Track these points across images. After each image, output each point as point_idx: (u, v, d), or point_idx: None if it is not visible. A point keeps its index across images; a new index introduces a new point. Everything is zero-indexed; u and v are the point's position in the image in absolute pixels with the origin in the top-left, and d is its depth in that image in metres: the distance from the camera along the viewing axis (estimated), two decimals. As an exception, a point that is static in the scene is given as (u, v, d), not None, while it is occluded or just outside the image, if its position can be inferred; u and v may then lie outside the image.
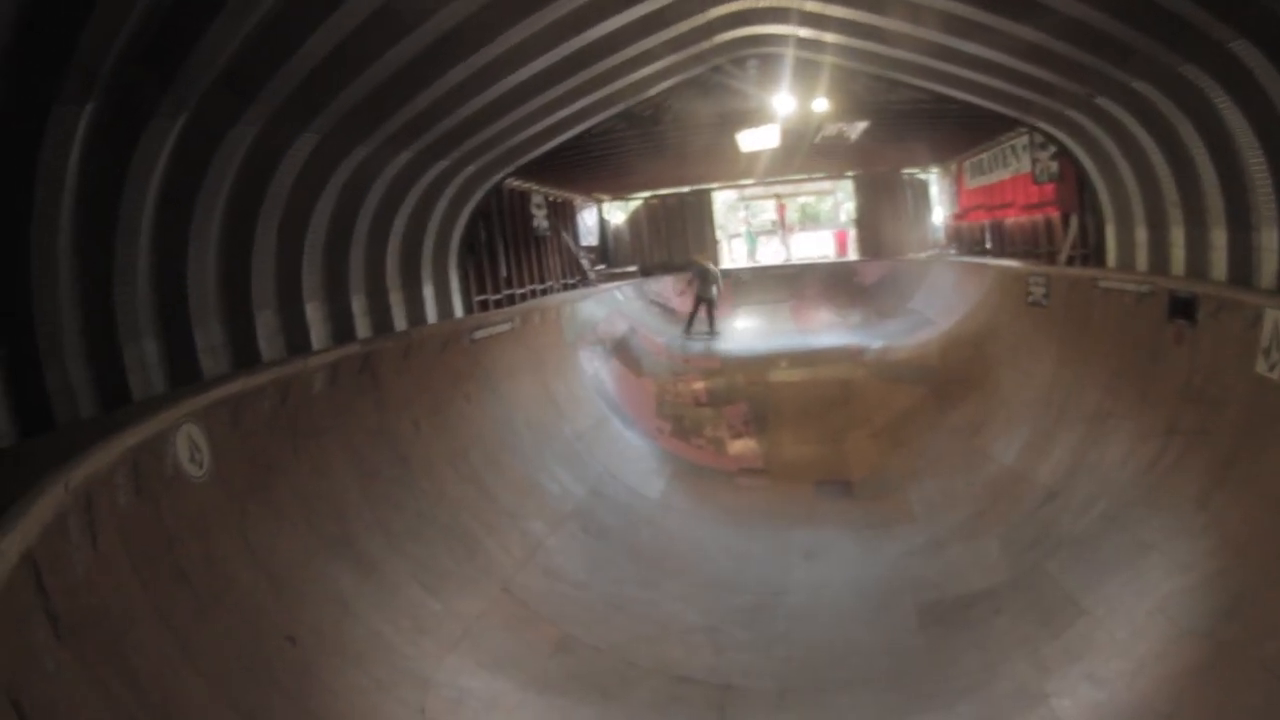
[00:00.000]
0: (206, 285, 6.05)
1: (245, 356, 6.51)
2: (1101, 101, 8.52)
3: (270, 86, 5.68)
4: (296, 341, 7.24)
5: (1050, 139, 11.11)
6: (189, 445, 4.62)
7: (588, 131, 11.70)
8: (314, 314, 7.55)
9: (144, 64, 4.58)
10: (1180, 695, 4.57)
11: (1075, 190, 11.23)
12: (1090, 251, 11.00)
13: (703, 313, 16.17)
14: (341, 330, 8.06)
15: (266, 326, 6.81)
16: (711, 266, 16.68)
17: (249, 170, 6.12)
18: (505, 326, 10.59)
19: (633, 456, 11.17)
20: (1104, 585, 6.03)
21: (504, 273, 12.95)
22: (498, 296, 12.58)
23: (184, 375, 5.75)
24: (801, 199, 31.67)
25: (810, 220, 34.01)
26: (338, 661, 4.71)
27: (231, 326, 6.41)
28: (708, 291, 16.12)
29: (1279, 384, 5.69)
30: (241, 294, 6.49)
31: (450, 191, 10.26)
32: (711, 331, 16.04)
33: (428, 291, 10.08)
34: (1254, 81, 6.00)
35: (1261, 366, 5.91)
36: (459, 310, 11.03)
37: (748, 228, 24.35)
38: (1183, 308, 7.22)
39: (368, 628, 5.25)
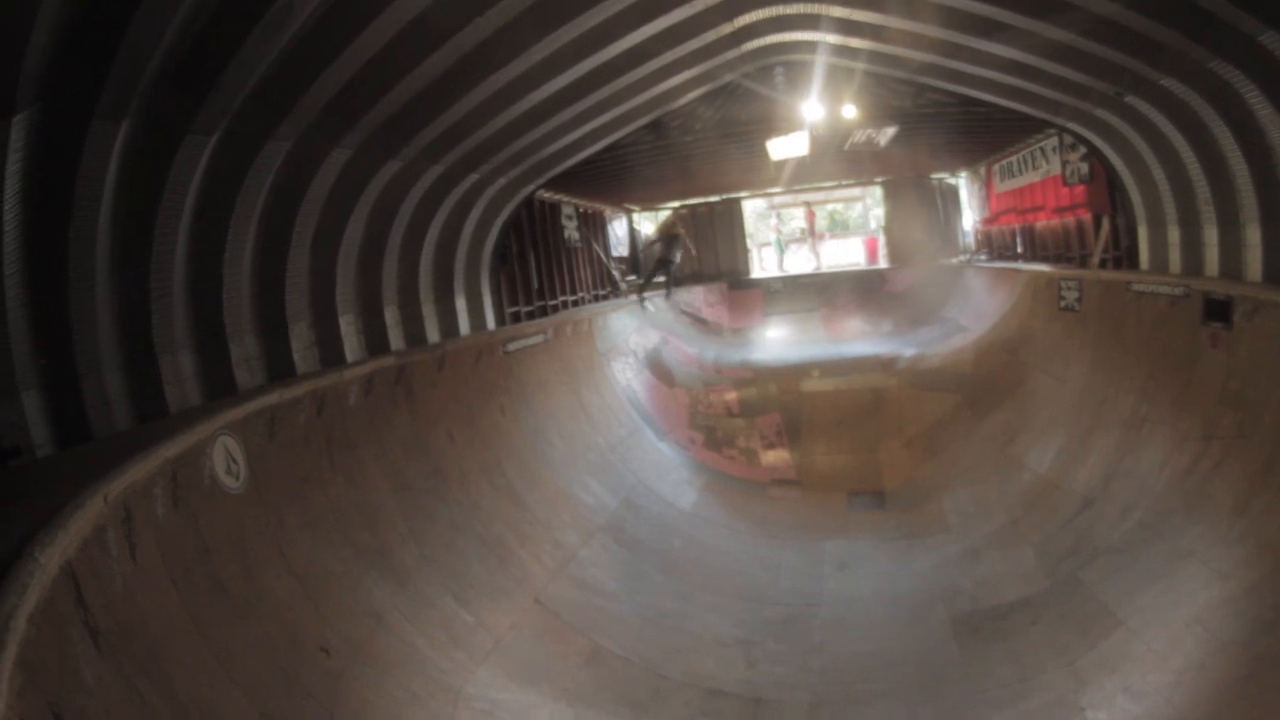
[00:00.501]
0: (241, 299, 6.15)
1: (280, 369, 6.60)
2: (1131, 100, 8.37)
3: (303, 102, 5.77)
4: (331, 354, 7.33)
5: (1080, 140, 10.92)
6: (225, 457, 4.69)
7: (617, 143, 11.75)
8: (348, 327, 7.64)
9: (179, 80, 4.68)
10: (1219, 709, 4.48)
11: (1106, 191, 11.01)
12: (1123, 254, 10.77)
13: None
14: (375, 342, 8.14)
15: (301, 339, 6.91)
16: (680, 233, 16.78)
17: (283, 185, 6.23)
18: (538, 338, 10.64)
19: (665, 467, 11.16)
20: (1141, 595, 5.93)
21: (535, 284, 12.99)
22: (529, 308, 12.63)
23: (219, 388, 5.85)
24: (830, 206, 31.46)
25: (839, 227, 33.76)
26: (371, 672, 4.74)
27: (266, 339, 6.51)
28: (671, 254, 16.24)
29: None
30: (276, 307, 6.59)
31: (482, 204, 10.34)
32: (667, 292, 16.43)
33: (460, 303, 10.16)
34: None
35: None
36: (491, 322, 11.09)
37: (778, 236, 24.15)
38: (1218, 310, 7.09)
39: (401, 639, 5.28)
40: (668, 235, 16.41)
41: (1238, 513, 5.77)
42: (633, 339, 14.06)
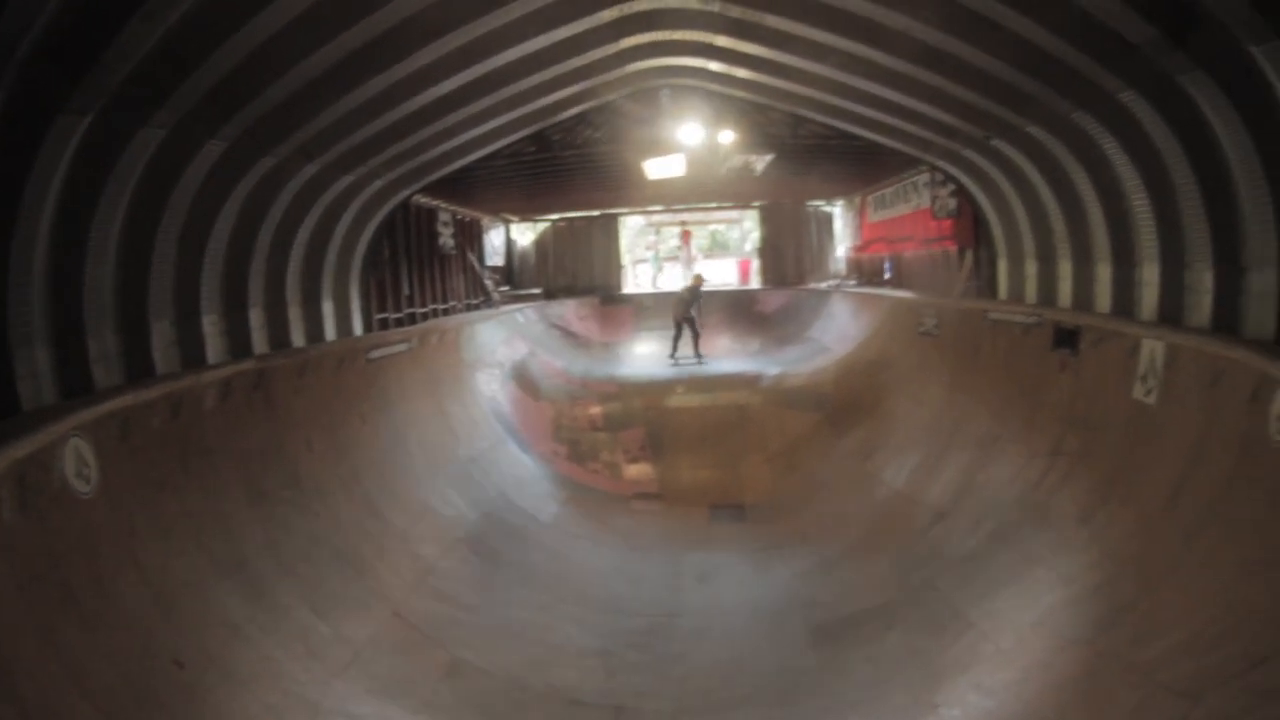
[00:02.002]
0: (103, 292, 5.84)
1: (139, 368, 6.28)
2: (998, 143, 9.21)
3: (181, 90, 5.59)
4: (192, 354, 7.02)
5: (949, 177, 11.83)
6: (77, 460, 4.46)
7: (498, 152, 11.80)
8: (210, 327, 7.34)
9: (56, 57, 4.45)
10: (1063, 702, 4.90)
11: (971, 226, 11.99)
12: (983, 284, 11.75)
13: (687, 333, 16.00)
14: (238, 344, 7.84)
15: (162, 338, 6.59)
16: (700, 288, 16.45)
17: (153, 175, 5.96)
18: (403, 347, 10.48)
19: (528, 480, 11.20)
20: (991, 600, 6.43)
21: (406, 291, 12.80)
22: (399, 315, 12.42)
23: (76, 385, 5.52)
24: (712, 227, 32.39)
25: (720, 248, 34.77)
26: (227, 686, 4.61)
27: (126, 336, 6.18)
28: (685, 312, 15.93)
29: (1155, 408, 6.28)
30: (138, 303, 6.27)
31: (356, 206, 10.13)
32: (696, 352, 15.93)
33: (328, 308, 9.90)
34: (1140, 129, 6.67)
35: (1138, 392, 6.50)
36: (359, 328, 10.85)
37: (655, 253, 24.67)
38: (1066, 338, 7.86)
39: (257, 651, 5.13)
40: (692, 291, 16.26)
41: (1082, 522, 6.36)
42: (500, 350, 14.04)
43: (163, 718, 3.95)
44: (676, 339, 16.04)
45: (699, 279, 16.83)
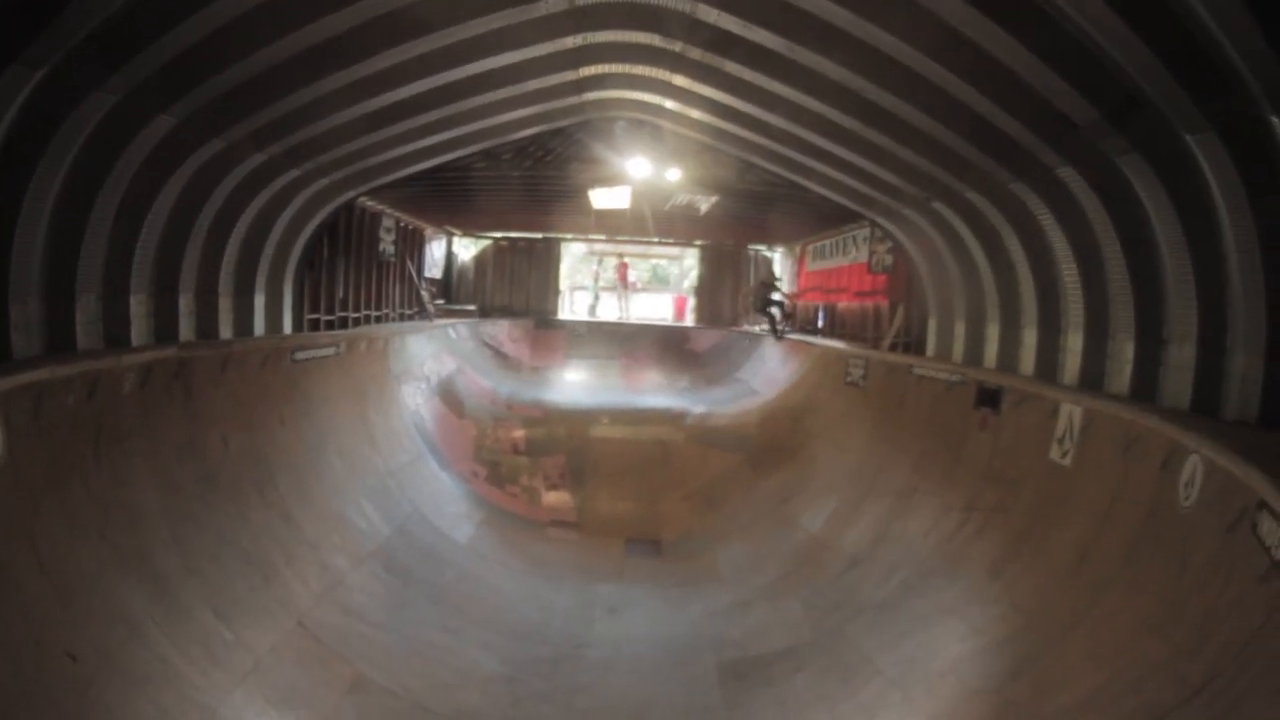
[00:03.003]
0: (32, 256, 5.56)
1: (60, 340, 5.99)
2: (937, 206, 9.58)
3: (140, 58, 5.43)
4: (116, 333, 6.73)
5: (888, 234, 12.22)
6: (-14, 432, 4.21)
7: (448, 164, 11.72)
8: (138, 307, 7.05)
9: (15, 6, 4.27)
10: None
11: (905, 282, 12.39)
12: (913, 340, 12.11)
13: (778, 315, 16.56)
14: (164, 329, 7.55)
15: (87, 312, 6.29)
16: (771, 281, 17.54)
17: (99, 141, 5.75)
18: (330, 351, 10.23)
19: (445, 498, 11.02)
20: (900, 647, 6.58)
21: (341, 294, 12.51)
22: (331, 317, 12.12)
23: (-9, 351, 5.22)
24: (654, 260, 32.65)
25: (661, 282, 35.04)
26: (121, 684, 4.37)
27: (50, 306, 5.90)
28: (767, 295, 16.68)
29: (1070, 470, 6.56)
30: (67, 273, 6.00)
31: (299, 201, 9.91)
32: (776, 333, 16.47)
33: (259, 301, 9.60)
34: (1075, 203, 7.03)
35: (1055, 453, 6.80)
36: (289, 325, 10.54)
37: (596, 282, 24.73)
38: (989, 397, 8.17)
39: (154, 651, 4.89)
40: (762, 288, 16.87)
41: (993, 575, 6.57)
42: (429, 364, 13.83)
43: (52, 712, 3.71)
44: (772, 321, 16.71)
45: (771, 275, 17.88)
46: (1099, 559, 5.57)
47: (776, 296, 16.77)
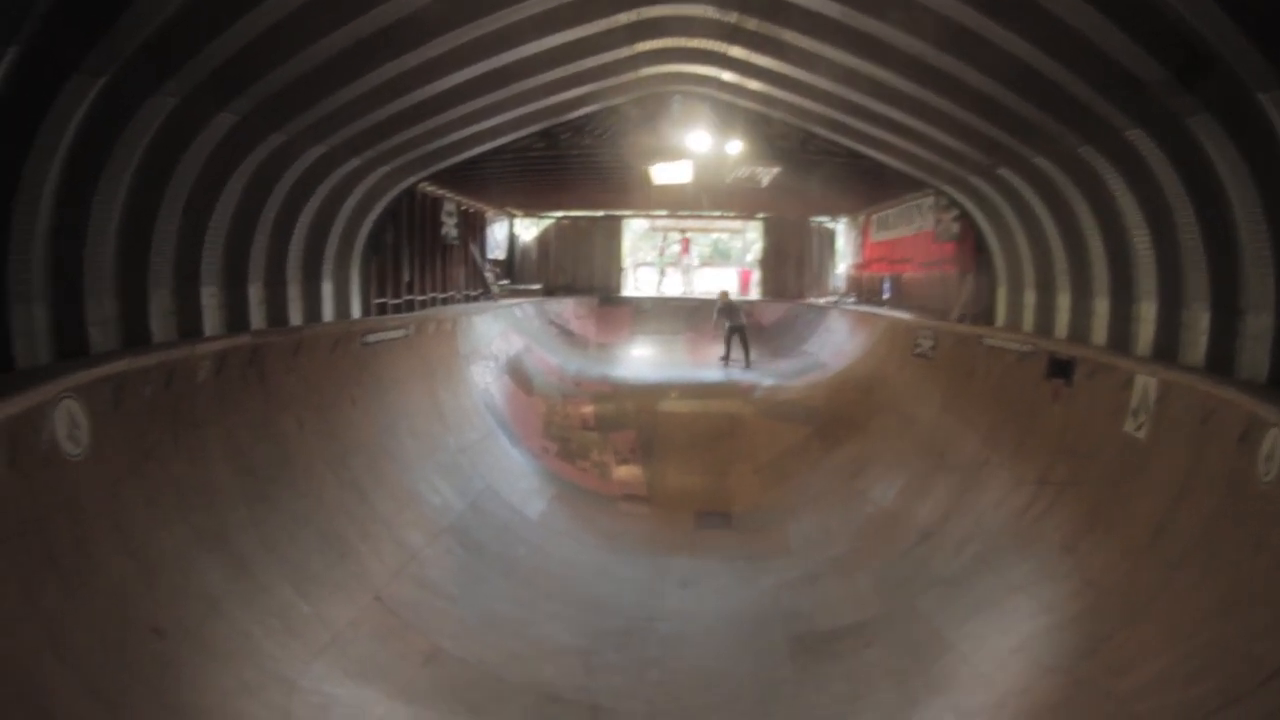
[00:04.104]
0: (105, 256, 5.81)
1: (136, 334, 6.26)
2: (1003, 172, 9.25)
3: (196, 60, 5.59)
4: (189, 325, 7.00)
5: (954, 202, 11.88)
6: (69, 421, 4.43)
7: (506, 146, 11.80)
8: (210, 299, 7.32)
9: (74, 16, 4.43)
10: None
11: (972, 252, 12.02)
12: (981, 310, 11.78)
13: (737, 341, 16.36)
14: (236, 319, 7.82)
15: (161, 306, 6.56)
16: (734, 300, 17.18)
17: (162, 142, 5.95)
18: (400, 333, 10.44)
19: (516, 474, 11.16)
20: (971, 623, 6.42)
21: (407, 278, 12.78)
22: (398, 301, 12.39)
23: (72, 347, 5.49)
24: (715, 235, 32.43)
25: (722, 257, 34.79)
26: (204, 658, 4.57)
27: (125, 302, 6.16)
28: (738, 320, 16.43)
29: (1145, 443, 6.28)
30: (139, 269, 6.25)
31: (362, 189, 10.12)
32: (747, 361, 16.16)
33: (327, 288, 9.87)
34: (1145, 167, 6.71)
35: (1129, 426, 6.52)
36: (357, 311, 10.82)
37: (660, 257, 24.66)
38: (1061, 368, 7.88)
39: (235, 626, 5.09)
40: (724, 306, 16.76)
41: (1065, 551, 6.35)
42: (496, 343, 14.01)
43: (138, 686, 3.91)
44: (728, 344, 16.48)
45: (725, 294, 17.29)
46: (1174, 535, 5.35)
47: (738, 321, 16.50)
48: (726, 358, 16.41)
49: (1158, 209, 6.90)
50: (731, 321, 16.42)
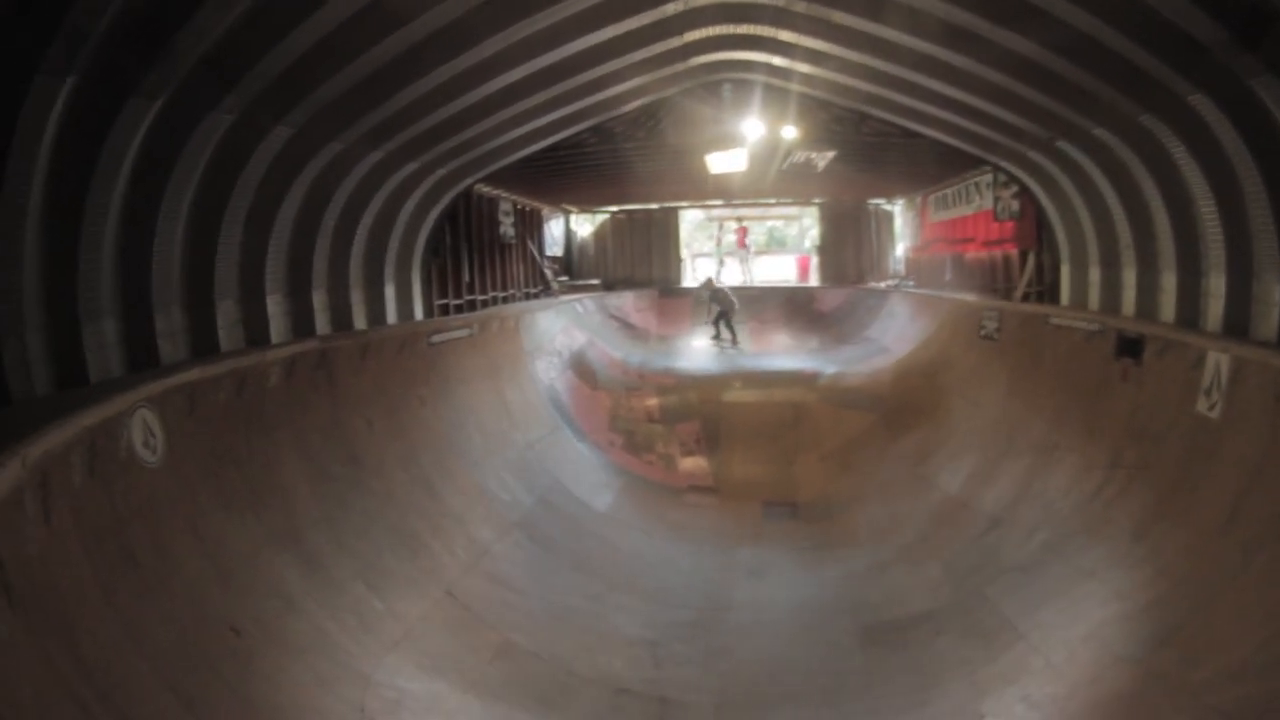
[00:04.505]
0: (171, 270, 6.03)
1: (204, 345, 6.48)
2: (1063, 145, 8.91)
3: (250, 76, 5.73)
4: (256, 333, 7.22)
5: (1012, 178, 11.51)
6: (144, 430, 4.61)
7: (560, 142, 11.84)
8: (275, 307, 7.54)
9: (130, 41, 4.59)
10: (1111, 719, 4.76)
11: (1034, 229, 11.64)
12: (1045, 289, 11.40)
13: (724, 324, 16.93)
14: (301, 325, 8.04)
15: (227, 316, 6.78)
16: (723, 286, 17.52)
17: (222, 158, 6.13)
18: (464, 332, 10.61)
19: (583, 468, 11.24)
20: (1042, 611, 6.23)
21: (467, 278, 12.97)
22: (459, 301, 12.59)
23: (142, 359, 5.72)
24: (770, 223, 32.15)
25: (778, 244, 34.46)
26: (280, 654, 4.70)
27: (192, 313, 6.38)
28: (725, 304, 16.94)
29: (1218, 423, 6.00)
30: (204, 282, 6.47)
31: (419, 193, 10.29)
32: (735, 341, 16.72)
33: (389, 292, 10.08)
34: (1210, 134, 6.38)
35: (1202, 405, 6.23)
36: (419, 312, 11.03)
37: (718, 247, 24.52)
38: (1130, 347, 7.56)
39: (310, 622, 5.24)
40: (714, 293, 17.31)
41: (1138, 537, 6.13)
42: (559, 339, 14.12)
43: (217, 682, 4.05)
44: (718, 327, 17.25)
45: (710, 281, 17.87)
46: (1250, 518, 5.10)
47: (726, 305, 16.88)
48: (718, 337, 17.04)
49: (1223, 177, 6.56)
50: (721, 306, 17.03)
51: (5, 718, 2.53)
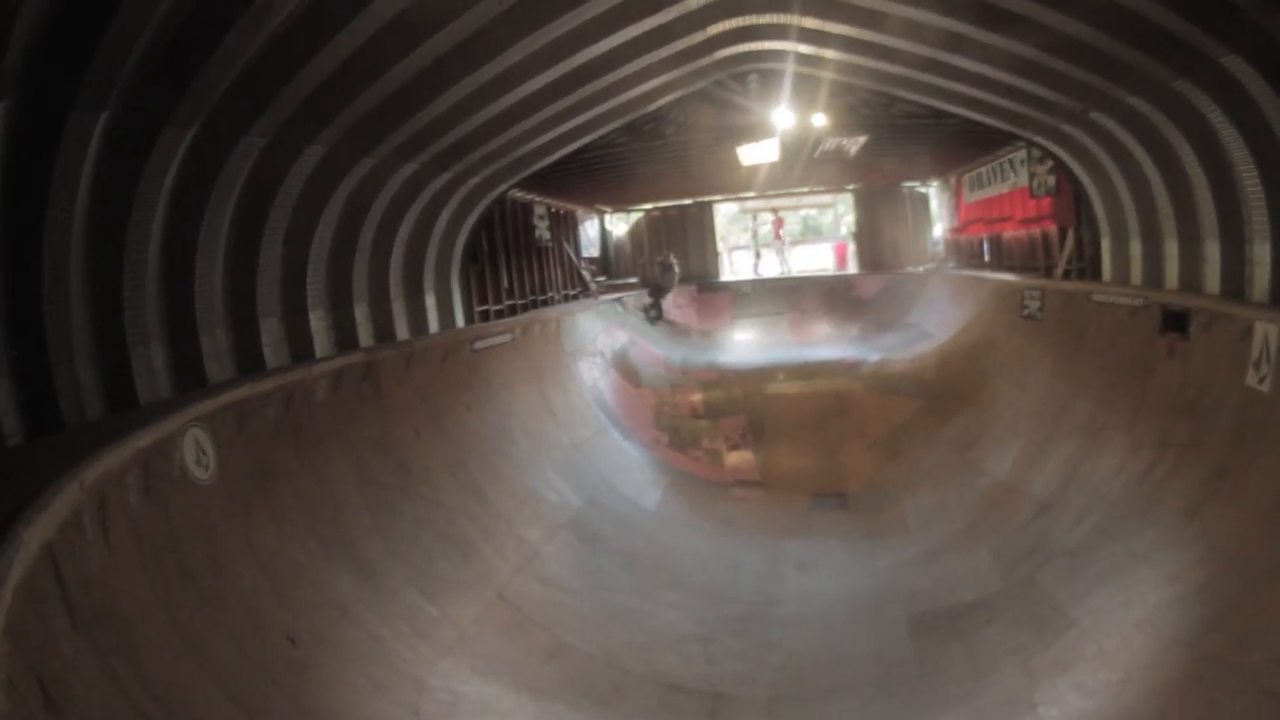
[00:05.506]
0: (213, 292, 6.19)
1: (250, 363, 6.65)
2: (1097, 117, 8.67)
3: (280, 98, 5.84)
4: (300, 349, 7.38)
5: (1047, 153, 11.26)
6: (196, 448, 4.74)
7: (590, 144, 11.88)
8: (318, 322, 7.69)
9: (160, 74, 4.73)
10: (1165, 706, 4.67)
11: (1072, 204, 11.36)
12: (1086, 265, 11.13)
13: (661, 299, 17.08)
14: (344, 339, 8.19)
15: (271, 334, 6.95)
16: (673, 264, 17.43)
17: (257, 180, 6.28)
18: (506, 337, 10.71)
19: (630, 467, 11.28)
20: (1094, 597, 6.13)
21: (505, 283, 13.09)
22: (499, 307, 12.71)
23: (189, 380, 5.89)
24: (804, 212, 31.85)
25: (812, 233, 34.13)
26: (336, 662, 4.82)
27: (237, 333, 6.55)
28: (669, 281, 17.04)
29: (1269, 396, 5.81)
30: (247, 301, 6.63)
31: (454, 202, 10.41)
32: (657, 316, 16.87)
33: (430, 301, 10.22)
34: (1246, 96, 6.17)
35: (1252, 379, 6.04)
36: (460, 320, 11.16)
37: (754, 239, 24.39)
38: (1175, 321, 7.36)
39: (365, 630, 5.35)
40: (664, 264, 17.22)
41: (1189, 517, 6.00)
42: (600, 339, 14.17)
43: (275, 691, 4.16)
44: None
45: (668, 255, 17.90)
46: None
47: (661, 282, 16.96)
48: (652, 307, 17.14)
49: (1263, 140, 6.33)
50: (660, 284, 17.27)
51: (74, 734, 2.64)
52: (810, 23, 8.90)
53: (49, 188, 4.40)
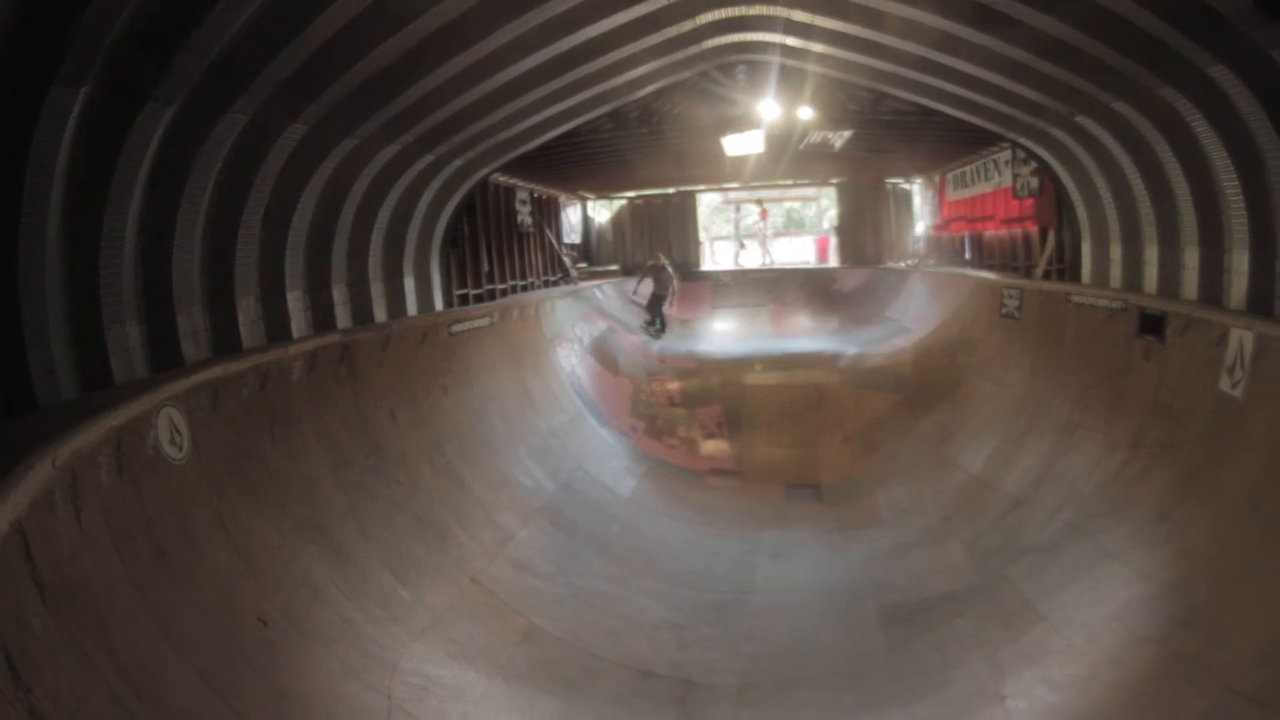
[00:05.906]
0: (191, 271, 6.11)
1: (226, 343, 6.57)
2: (1082, 120, 8.75)
3: (263, 76, 5.75)
4: (277, 330, 7.30)
5: (1031, 155, 11.36)
6: (170, 428, 4.72)
7: (575, 130, 11.82)
8: (295, 303, 7.61)
9: (141, 49, 4.64)
10: (1132, 701, 4.77)
11: (1054, 206, 11.49)
12: (1066, 267, 11.26)
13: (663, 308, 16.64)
14: (322, 320, 8.12)
15: (248, 314, 6.87)
16: (667, 265, 17.04)
17: (237, 158, 6.19)
18: (484, 321, 10.69)
19: (606, 453, 11.32)
20: (1064, 592, 6.24)
21: (486, 268, 13.02)
22: (479, 291, 12.65)
23: (166, 360, 5.81)
24: (788, 204, 31.92)
25: (795, 226, 34.22)
26: (308, 644, 4.82)
27: (214, 313, 6.47)
28: (665, 289, 16.60)
29: (1242, 401, 5.95)
30: (224, 281, 6.55)
31: (435, 185, 10.33)
32: (661, 328, 16.42)
33: (409, 284, 10.16)
34: (1230, 106, 6.24)
35: (1225, 384, 6.18)
36: (439, 303, 11.10)
37: (736, 230, 24.42)
38: (1152, 324, 7.50)
39: (338, 612, 5.35)
40: (655, 270, 16.87)
41: (1161, 518, 6.12)
42: (579, 326, 14.18)
43: (247, 671, 4.16)
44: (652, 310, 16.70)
45: (659, 256, 17.45)
46: (1274, 497, 5.08)
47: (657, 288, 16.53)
48: (651, 324, 16.49)
49: (1245, 150, 6.41)
50: (657, 290, 16.64)
51: (43, 711, 2.63)
52: (799, 16, 8.90)
53: (25, 164, 4.31)
